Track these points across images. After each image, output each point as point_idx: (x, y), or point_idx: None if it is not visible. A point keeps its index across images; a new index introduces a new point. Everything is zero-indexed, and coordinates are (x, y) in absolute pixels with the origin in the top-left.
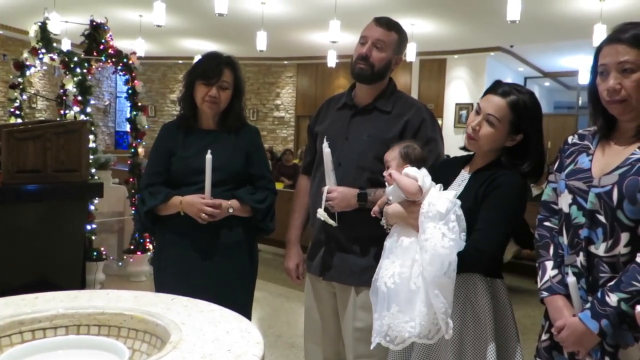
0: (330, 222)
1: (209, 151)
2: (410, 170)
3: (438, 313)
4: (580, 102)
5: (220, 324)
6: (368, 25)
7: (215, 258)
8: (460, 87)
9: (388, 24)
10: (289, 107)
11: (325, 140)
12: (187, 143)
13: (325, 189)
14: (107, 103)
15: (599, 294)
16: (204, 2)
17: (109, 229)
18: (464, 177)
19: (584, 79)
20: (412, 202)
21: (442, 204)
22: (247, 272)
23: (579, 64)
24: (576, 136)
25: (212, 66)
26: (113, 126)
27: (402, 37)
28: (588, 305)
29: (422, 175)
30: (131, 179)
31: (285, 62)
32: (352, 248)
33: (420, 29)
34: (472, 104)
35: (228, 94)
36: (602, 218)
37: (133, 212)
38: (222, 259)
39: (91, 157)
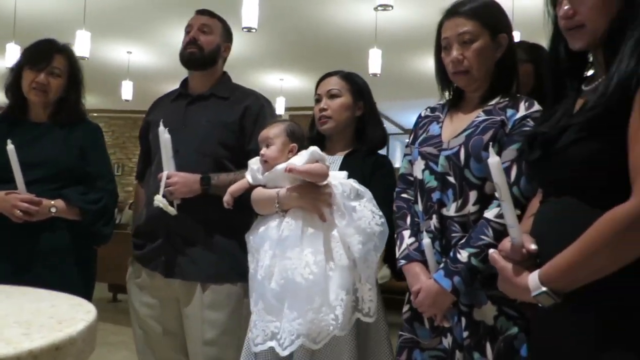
0: (170, 209)
1: (9, 141)
2: (312, 151)
3: (365, 295)
4: None
5: (46, 301)
6: (192, 18)
7: (35, 268)
8: None
9: (210, 13)
10: None
11: (162, 125)
12: (10, 136)
13: (165, 173)
14: None
15: (451, 253)
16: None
17: None
18: (332, 159)
19: None
20: (314, 184)
21: (354, 183)
22: (76, 287)
23: None
24: (429, 109)
25: (41, 50)
26: None
27: (225, 26)
28: (442, 265)
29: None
30: None
31: None
32: (195, 239)
33: (289, 84)
34: None
35: (60, 82)
36: (451, 179)
37: None
38: (43, 268)
39: None
